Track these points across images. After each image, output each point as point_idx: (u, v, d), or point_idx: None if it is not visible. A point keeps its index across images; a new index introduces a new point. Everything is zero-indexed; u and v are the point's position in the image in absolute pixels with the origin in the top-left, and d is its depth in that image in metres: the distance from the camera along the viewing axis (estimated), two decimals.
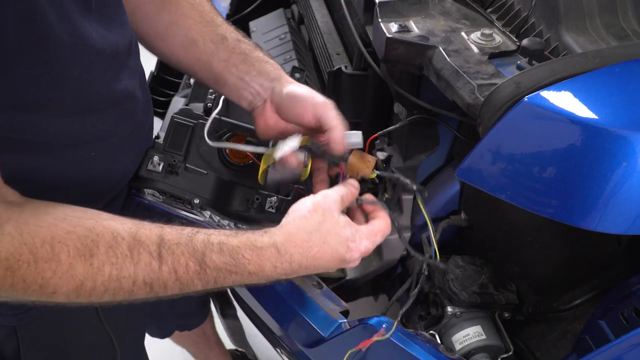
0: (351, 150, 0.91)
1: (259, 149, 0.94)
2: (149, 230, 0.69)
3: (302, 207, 0.78)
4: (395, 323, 0.92)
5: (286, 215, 0.78)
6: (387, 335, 0.90)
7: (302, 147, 0.88)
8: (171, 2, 0.93)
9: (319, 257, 0.75)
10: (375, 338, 0.90)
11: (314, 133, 0.90)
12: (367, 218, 0.86)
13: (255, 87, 0.92)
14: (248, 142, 0.97)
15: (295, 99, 0.88)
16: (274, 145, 0.90)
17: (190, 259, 0.70)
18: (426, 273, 0.96)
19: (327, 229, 0.76)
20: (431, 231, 0.91)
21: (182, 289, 0.71)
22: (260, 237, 0.74)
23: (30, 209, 0.66)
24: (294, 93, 0.89)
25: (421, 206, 0.89)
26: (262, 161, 0.91)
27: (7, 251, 0.62)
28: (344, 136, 0.86)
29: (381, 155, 0.97)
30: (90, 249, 0.66)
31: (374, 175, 0.92)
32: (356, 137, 0.89)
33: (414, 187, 0.89)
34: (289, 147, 0.86)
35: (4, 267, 0.62)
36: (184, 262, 0.69)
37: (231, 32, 0.94)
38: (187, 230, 0.72)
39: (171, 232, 0.70)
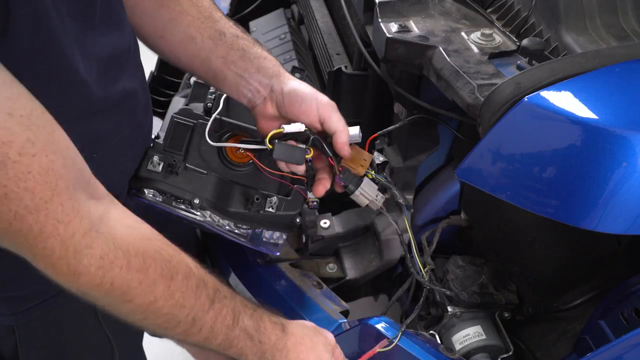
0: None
1: (260, 147, 0.94)
2: (209, 275, 0.77)
3: (304, 321, 0.91)
4: (400, 333, 0.93)
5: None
6: (390, 347, 0.92)
7: (305, 131, 0.88)
8: None
9: (302, 356, 0.85)
10: (377, 349, 0.91)
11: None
12: None
13: (254, 84, 0.91)
14: (244, 142, 0.96)
15: (299, 97, 0.88)
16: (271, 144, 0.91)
17: (230, 314, 0.77)
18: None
19: (316, 342, 0.88)
20: (414, 247, 0.94)
21: (206, 338, 0.76)
22: (274, 316, 0.85)
23: (118, 215, 0.69)
24: (297, 92, 0.89)
25: (406, 221, 0.92)
26: (271, 132, 0.90)
27: (102, 250, 0.64)
28: (347, 142, 0.89)
29: (378, 159, 0.98)
30: (172, 273, 0.71)
31: (371, 173, 0.92)
32: (353, 131, 0.90)
33: (401, 201, 0.93)
34: (297, 126, 0.88)
35: (97, 266, 0.64)
36: (225, 314, 0.76)
37: (230, 28, 0.94)
38: (231, 290, 0.80)
39: (223, 284, 0.78)
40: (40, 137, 0.60)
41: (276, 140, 0.89)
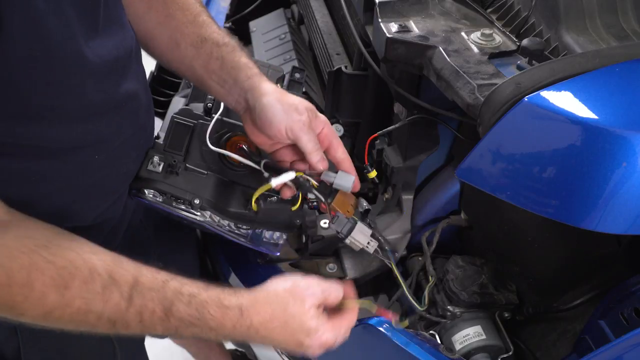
0: (337, 191, 0.92)
1: (254, 165, 0.94)
2: (125, 270, 0.72)
3: (281, 282, 0.81)
4: (406, 322, 0.98)
5: (264, 283, 0.81)
6: (397, 325, 0.94)
7: (296, 178, 0.89)
8: (158, 0, 0.92)
9: (276, 334, 0.78)
10: (392, 318, 0.92)
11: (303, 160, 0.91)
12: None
13: (234, 95, 0.90)
14: (241, 151, 0.97)
15: (267, 120, 0.86)
16: (267, 172, 0.92)
17: (158, 306, 0.72)
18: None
19: (291, 314, 0.78)
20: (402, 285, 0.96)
21: (142, 330, 0.73)
22: (229, 297, 0.76)
23: (14, 230, 0.67)
24: (267, 111, 0.86)
25: (392, 266, 0.96)
26: (257, 189, 0.91)
27: None
28: (322, 159, 0.88)
29: (362, 206, 0.98)
30: (67, 281, 0.68)
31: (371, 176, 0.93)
32: (347, 182, 0.90)
33: (387, 248, 0.97)
34: (286, 176, 0.88)
35: None
36: (151, 308, 0.72)
37: (212, 33, 0.92)
38: (162, 275, 0.74)
39: (147, 275, 0.73)
40: None
41: (260, 202, 0.91)
